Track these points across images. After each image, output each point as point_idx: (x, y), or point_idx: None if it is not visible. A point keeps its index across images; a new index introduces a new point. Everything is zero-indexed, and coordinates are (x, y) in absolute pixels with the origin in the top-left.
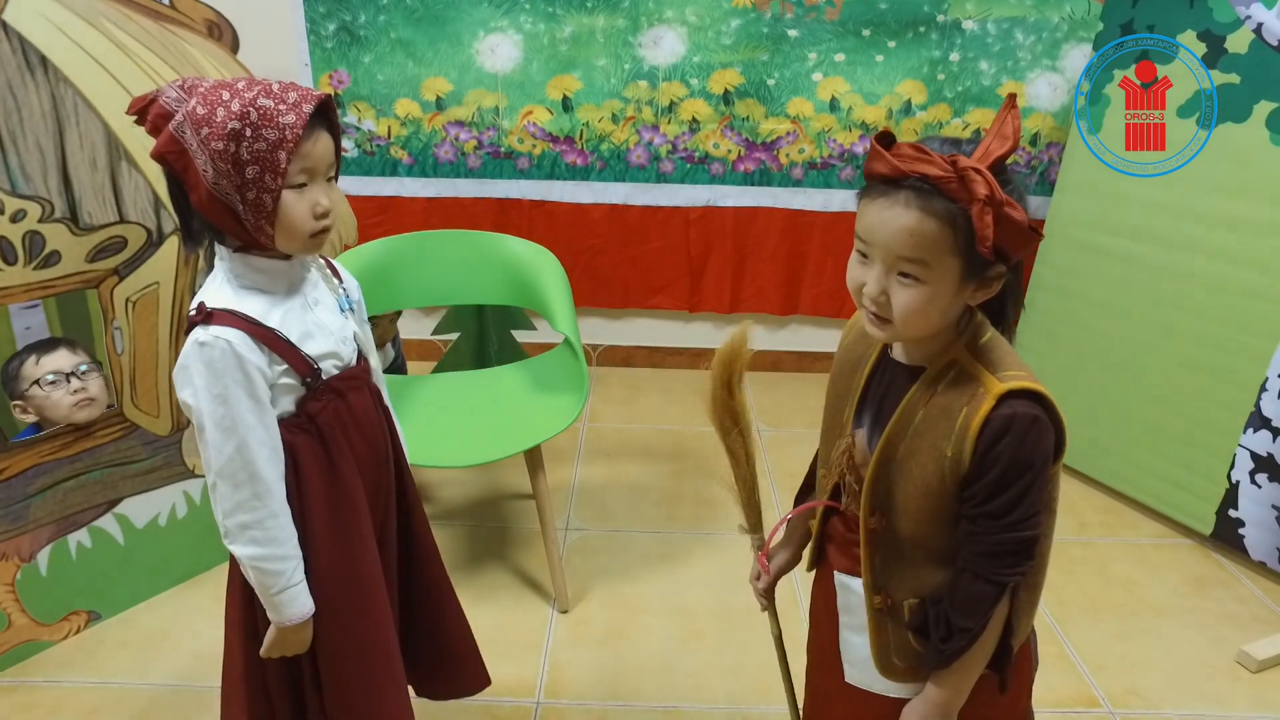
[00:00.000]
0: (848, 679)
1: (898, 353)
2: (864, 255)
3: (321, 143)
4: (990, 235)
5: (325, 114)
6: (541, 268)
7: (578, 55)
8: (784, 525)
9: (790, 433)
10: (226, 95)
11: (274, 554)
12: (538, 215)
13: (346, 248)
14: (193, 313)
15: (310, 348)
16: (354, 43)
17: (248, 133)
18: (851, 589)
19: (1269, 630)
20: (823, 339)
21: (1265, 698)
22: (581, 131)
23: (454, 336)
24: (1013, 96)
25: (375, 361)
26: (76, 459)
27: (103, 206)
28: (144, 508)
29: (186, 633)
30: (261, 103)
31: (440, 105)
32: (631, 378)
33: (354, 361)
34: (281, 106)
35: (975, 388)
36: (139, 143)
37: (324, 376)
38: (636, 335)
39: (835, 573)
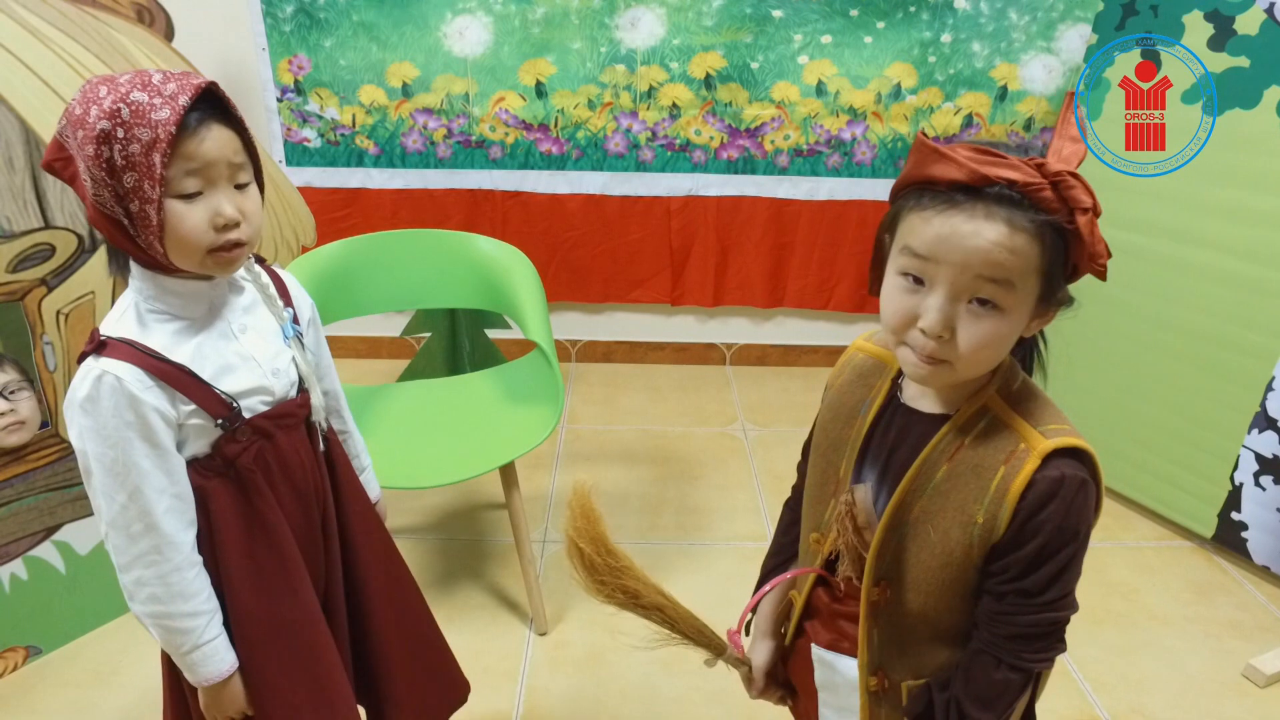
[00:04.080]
0: None
1: (912, 397)
2: (916, 280)
3: (212, 140)
4: (1104, 250)
5: (217, 105)
6: (512, 269)
7: (551, 38)
8: (757, 605)
9: (776, 431)
10: (104, 91)
11: (180, 610)
12: (512, 207)
13: (304, 249)
14: (88, 340)
15: (229, 383)
16: (314, 26)
17: (119, 133)
18: (834, 666)
19: (1274, 640)
20: (809, 332)
21: (1275, 716)
22: (556, 118)
23: (425, 335)
24: (1071, 96)
25: (331, 387)
26: (7, 484)
27: (24, 211)
28: (88, 533)
29: (135, 667)
30: (135, 97)
31: (407, 92)
32: (612, 374)
33: (290, 395)
34: (156, 100)
35: (1014, 443)
36: None
37: (245, 415)
38: (617, 330)
39: (814, 646)
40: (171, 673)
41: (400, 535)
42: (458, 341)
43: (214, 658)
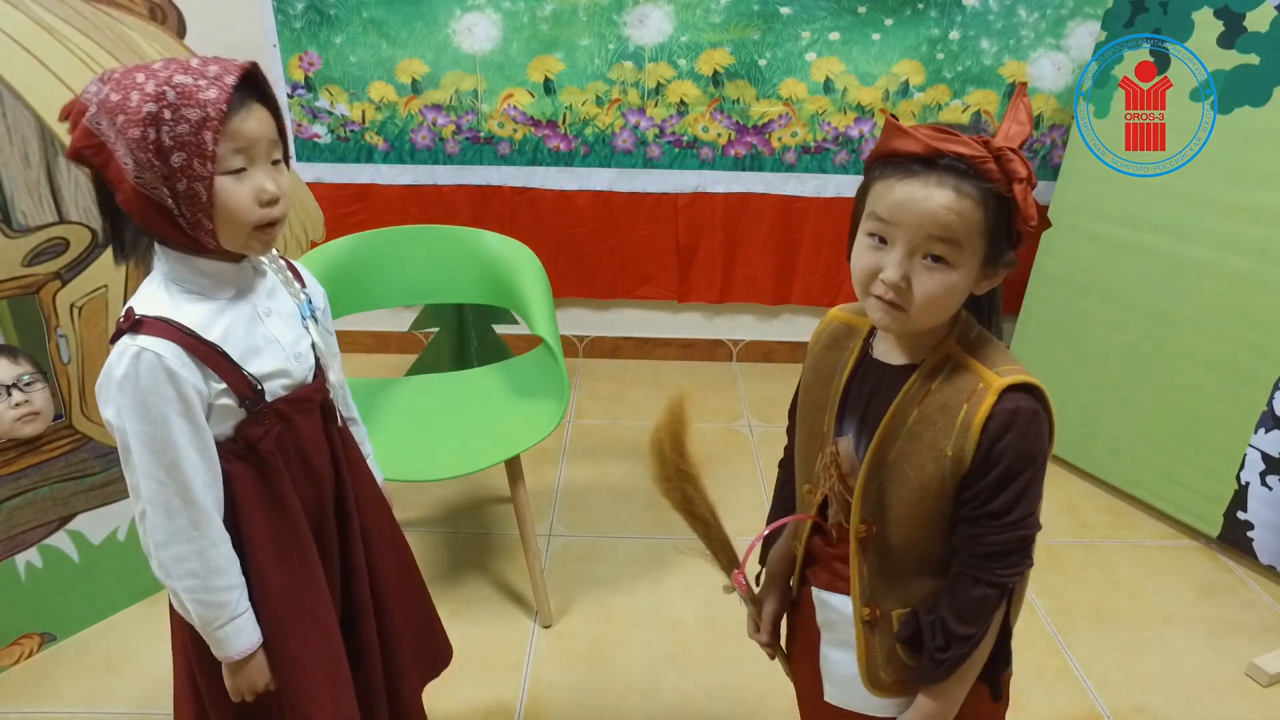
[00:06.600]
0: (826, 697)
1: (882, 352)
2: (880, 239)
3: (254, 118)
4: (1035, 214)
5: (256, 86)
6: (519, 265)
7: (559, 35)
8: (759, 543)
9: (782, 428)
10: (141, 77)
11: (216, 584)
12: (520, 203)
13: (314, 244)
14: (121, 319)
15: (255, 365)
16: (324, 22)
17: (166, 115)
18: (831, 605)
19: (1278, 640)
20: None
21: (1277, 716)
22: (564, 115)
23: (433, 330)
24: (1023, 86)
25: (337, 375)
26: (22, 475)
27: (39, 206)
28: (100, 523)
29: (148, 654)
30: (179, 80)
31: (416, 88)
32: (619, 370)
33: (308, 379)
34: (201, 81)
35: (974, 383)
36: None
37: (268, 398)
38: (624, 326)
39: (814, 589)
40: (186, 661)
41: (406, 528)
42: (465, 336)
43: (246, 630)
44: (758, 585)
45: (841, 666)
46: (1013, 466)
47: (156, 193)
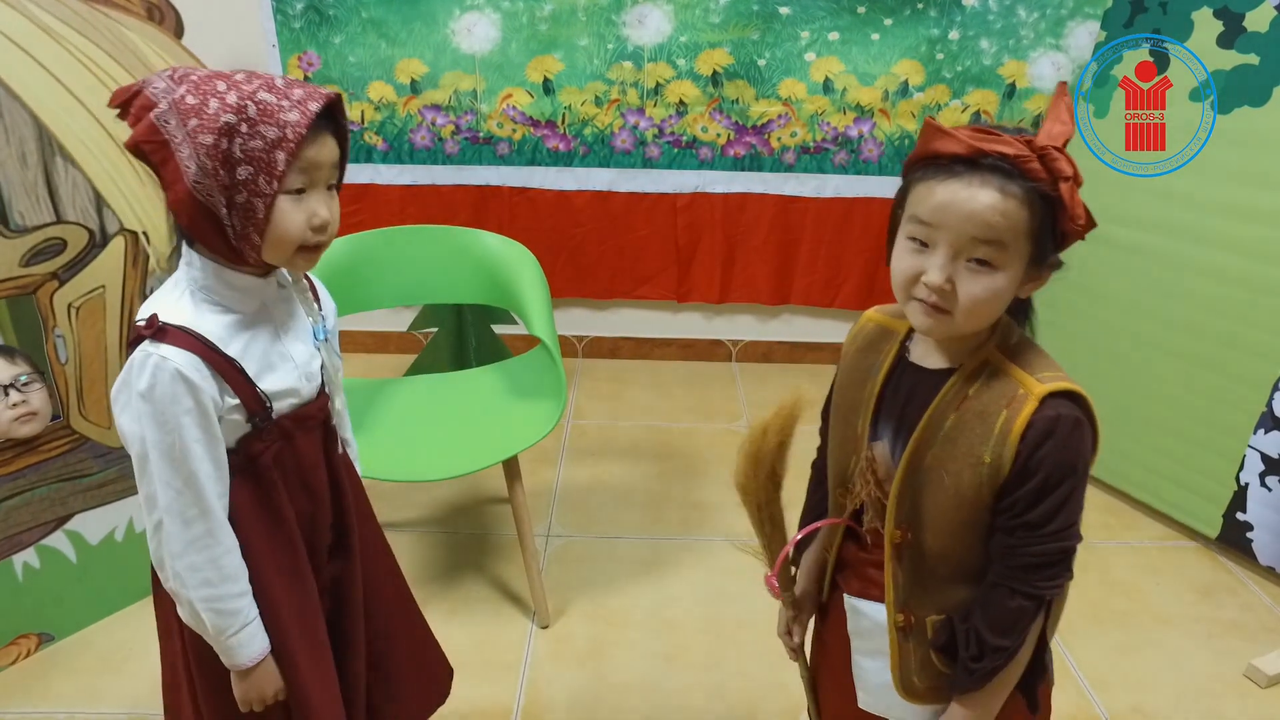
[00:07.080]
0: (861, 705)
1: (919, 356)
2: (922, 242)
3: (327, 147)
4: (1083, 214)
5: (332, 115)
6: (517, 265)
7: (559, 35)
8: (793, 547)
9: None
10: (222, 86)
11: (230, 592)
12: (519, 203)
13: None
14: (141, 323)
15: (268, 383)
16: (323, 23)
17: (243, 128)
18: (864, 612)
19: (1277, 641)
20: (815, 329)
21: (1276, 716)
22: (563, 115)
23: (432, 330)
24: (1063, 85)
25: (341, 399)
26: (20, 475)
27: (36, 206)
28: (98, 523)
29: (145, 654)
30: (262, 97)
31: (415, 88)
32: (618, 370)
33: (313, 398)
34: (284, 102)
35: (1014, 389)
36: (74, 136)
37: (274, 415)
38: (623, 326)
39: (845, 596)
40: (184, 678)
41: (404, 529)
42: (464, 337)
43: (257, 637)
44: (794, 586)
45: (875, 675)
46: (1052, 476)
47: (211, 200)
